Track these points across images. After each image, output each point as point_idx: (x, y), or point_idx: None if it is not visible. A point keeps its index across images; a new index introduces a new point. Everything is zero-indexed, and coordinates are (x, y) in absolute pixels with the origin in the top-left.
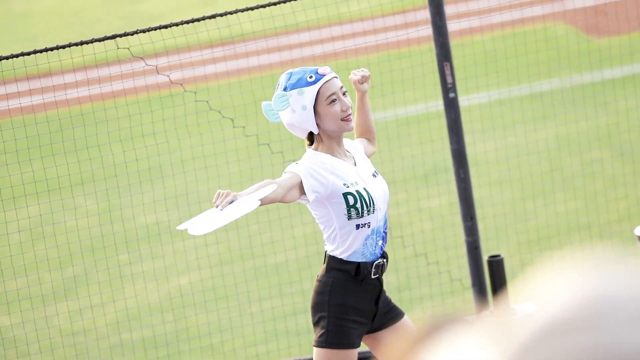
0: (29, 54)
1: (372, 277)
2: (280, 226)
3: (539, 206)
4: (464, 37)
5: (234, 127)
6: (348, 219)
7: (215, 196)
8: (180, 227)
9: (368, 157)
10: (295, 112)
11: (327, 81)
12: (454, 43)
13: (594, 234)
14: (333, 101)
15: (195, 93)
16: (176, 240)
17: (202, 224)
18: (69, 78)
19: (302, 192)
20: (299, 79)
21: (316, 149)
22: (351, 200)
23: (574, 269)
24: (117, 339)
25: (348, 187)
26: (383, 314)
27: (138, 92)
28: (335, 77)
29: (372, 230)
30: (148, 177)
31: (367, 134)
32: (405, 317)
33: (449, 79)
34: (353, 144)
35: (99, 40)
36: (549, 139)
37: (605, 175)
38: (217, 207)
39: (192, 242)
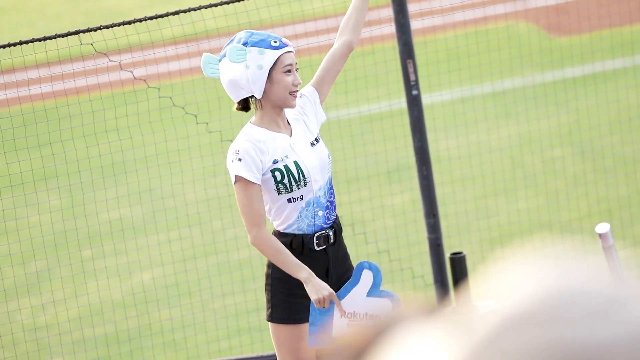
0: None
1: (317, 248)
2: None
3: (501, 204)
4: (427, 35)
5: (197, 123)
6: (278, 194)
7: (316, 303)
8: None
9: (332, 77)
10: (248, 69)
11: (287, 52)
12: (416, 41)
13: (555, 231)
14: (288, 71)
15: (158, 89)
16: (139, 236)
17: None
18: (32, 74)
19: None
20: (262, 40)
21: (255, 119)
22: (278, 176)
23: (534, 265)
24: (80, 334)
25: (277, 162)
26: (338, 285)
27: (101, 88)
28: (294, 51)
29: (307, 203)
30: (111, 173)
31: (353, 19)
32: None
33: (412, 77)
34: (302, 103)
35: (62, 35)
36: (511, 136)
37: (566, 173)
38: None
39: (156, 238)
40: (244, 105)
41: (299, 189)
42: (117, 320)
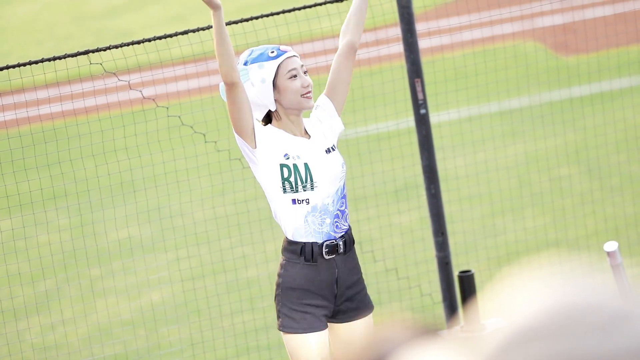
0: (1, 69)
1: (327, 257)
2: (251, 241)
3: (508, 222)
4: (435, 54)
5: (205, 142)
6: (283, 192)
7: None
8: None
9: (344, 80)
10: (254, 86)
11: (288, 57)
12: (424, 60)
13: (562, 249)
14: (294, 76)
15: (167, 108)
16: (148, 255)
17: None
18: (42, 94)
19: (252, 134)
20: (261, 54)
21: (273, 125)
22: (285, 173)
23: (541, 281)
24: (89, 353)
25: (288, 158)
26: (348, 299)
27: (110, 107)
28: (296, 56)
29: (314, 208)
30: (120, 192)
31: (354, 19)
32: (369, 317)
33: (420, 95)
34: (318, 114)
35: (72, 55)
36: (518, 155)
37: (573, 191)
38: None
39: (164, 257)
40: (269, 120)
41: (304, 190)
42: (126, 339)
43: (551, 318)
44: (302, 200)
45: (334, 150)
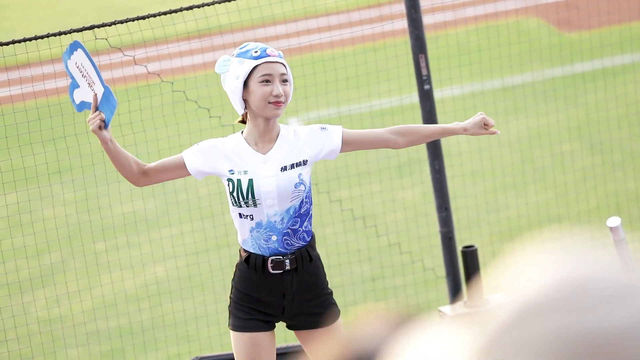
0: (7, 44)
1: (271, 271)
2: None
3: (511, 198)
4: (438, 31)
5: (210, 117)
6: (232, 205)
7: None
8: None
9: (352, 148)
10: (229, 80)
11: (268, 62)
12: (428, 36)
13: (565, 225)
14: (266, 81)
15: (172, 84)
16: (152, 229)
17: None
18: (47, 69)
19: (197, 171)
20: (247, 51)
21: (244, 130)
22: (230, 187)
23: (547, 255)
24: (94, 326)
25: (233, 173)
26: (299, 313)
27: (115, 82)
28: (281, 63)
29: (258, 224)
30: None
31: (409, 136)
32: (334, 325)
33: (424, 71)
34: (313, 133)
35: (77, 30)
36: (521, 131)
37: (575, 167)
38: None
39: (168, 231)
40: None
41: (247, 206)
42: (131, 312)
43: (557, 292)
44: (247, 215)
45: (292, 168)
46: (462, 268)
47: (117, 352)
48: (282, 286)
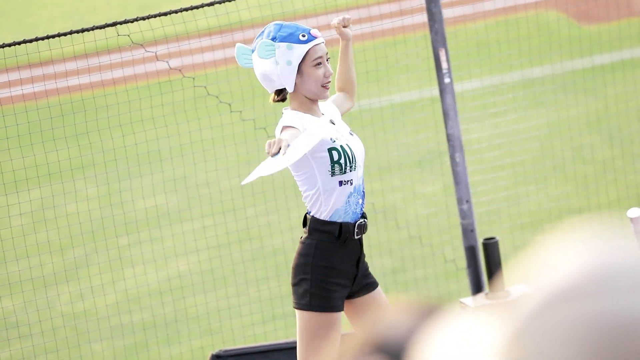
0: (30, 41)
1: (355, 237)
2: (276, 209)
3: (531, 190)
4: (457, 25)
5: (231, 112)
6: (332, 176)
7: (267, 146)
8: (246, 181)
9: (343, 112)
10: (278, 65)
11: (317, 44)
12: (447, 30)
13: (585, 217)
14: (319, 64)
15: (193, 79)
16: (174, 223)
17: (263, 169)
18: (70, 65)
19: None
20: (291, 34)
21: (292, 107)
22: (335, 156)
23: (569, 245)
24: (118, 320)
25: (334, 141)
26: (362, 277)
27: (138, 79)
28: (324, 42)
29: (355, 188)
30: (147, 161)
31: (347, 85)
32: (379, 289)
33: (444, 65)
34: (326, 108)
35: (100, 27)
36: (540, 124)
37: (595, 159)
38: (272, 155)
39: (191, 225)
40: (280, 95)
41: (350, 171)
42: (154, 306)
43: (585, 278)
44: (348, 181)
45: (353, 134)
46: (483, 260)
47: (140, 346)
48: (358, 251)
